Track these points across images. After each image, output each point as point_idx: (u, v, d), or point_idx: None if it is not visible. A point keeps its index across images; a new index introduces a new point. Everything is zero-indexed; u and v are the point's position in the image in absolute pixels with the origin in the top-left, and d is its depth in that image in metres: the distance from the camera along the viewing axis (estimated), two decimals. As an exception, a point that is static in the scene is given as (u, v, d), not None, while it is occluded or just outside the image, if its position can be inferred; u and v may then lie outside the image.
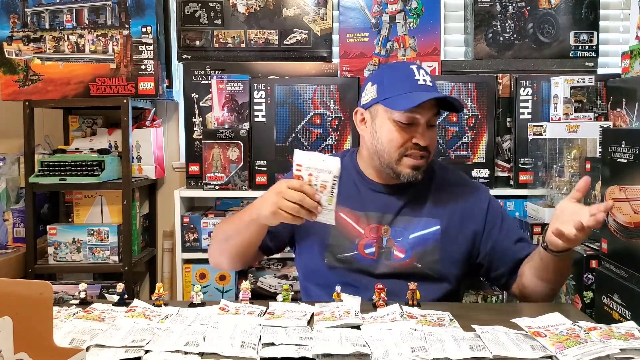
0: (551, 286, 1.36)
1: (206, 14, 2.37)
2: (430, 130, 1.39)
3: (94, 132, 2.44)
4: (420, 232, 1.41)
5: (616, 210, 1.56)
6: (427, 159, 1.39)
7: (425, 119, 1.36)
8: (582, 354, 0.94)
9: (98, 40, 2.27)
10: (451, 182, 1.49)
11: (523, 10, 2.37)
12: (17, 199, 2.39)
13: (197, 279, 2.27)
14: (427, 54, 2.39)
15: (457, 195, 1.46)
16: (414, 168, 1.37)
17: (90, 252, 2.25)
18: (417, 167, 1.38)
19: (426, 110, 1.35)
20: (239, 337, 1.02)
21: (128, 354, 0.96)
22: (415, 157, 1.37)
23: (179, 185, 2.52)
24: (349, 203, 1.42)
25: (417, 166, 1.38)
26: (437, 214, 1.42)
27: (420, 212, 1.43)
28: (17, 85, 2.28)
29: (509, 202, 2.25)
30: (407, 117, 1.35)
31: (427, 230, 1.41)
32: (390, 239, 1.40)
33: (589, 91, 2.14)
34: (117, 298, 1.24)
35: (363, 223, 1.42)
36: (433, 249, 1.40)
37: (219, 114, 2.28)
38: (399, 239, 1.40)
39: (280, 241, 1.50)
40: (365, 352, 0.95)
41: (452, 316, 1.15)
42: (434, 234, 1.41)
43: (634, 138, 1.51)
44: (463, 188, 1.48)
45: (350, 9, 2.39)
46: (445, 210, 1.43)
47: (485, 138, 2.24)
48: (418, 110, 1.34)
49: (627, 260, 1.52)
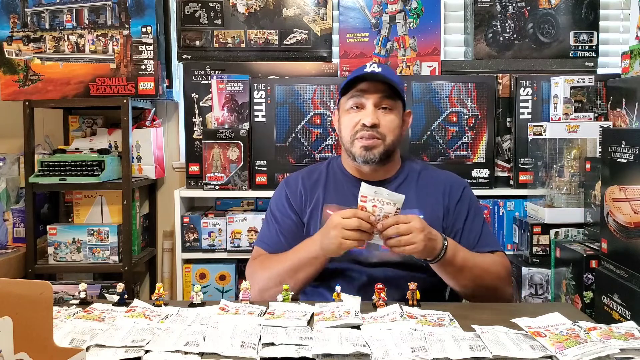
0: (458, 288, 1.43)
1: (206, 14, 2.37)
2: (384, 114, 1.47)
3: (94, 132, 2.44)
4: None
5: (616, 210, 1.56)
6: (382, 140, 1.46)
7: (372, 101, 1.46)
8: (582, 354, 0.94)
9: (98, 40, 2.27)
10: (433, 178, 1.57)
11: (523, 10, 2.37)
12: (17, 199, 2.39)
13: (197, 279, 2.27)
14: (427, 54, 2.39)
15: (437, 189, 1.53)
16: (366, 148, 1.46)
17: (90, 252, 2.25)
18: (368, 148, 1.46)
19: (371, 94, 1.46)
20: (239, 337, 1.02)
21: (128, 354, 0.96)
22: (365, 138, 1.45)
23: (179, 185, 2.52)
24: (335, 199, 1.51)
25: (368, 146, 1.45)
26: (420, 205, 1.49)
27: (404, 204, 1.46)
28: (17, 85, 2.28)
29: (509, 202, 2.25)
30: (353, 101, 1.48)
31: None
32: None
33: (589, 91, 2.14)
34: (117, 298, 1.24)
35: None
36: None
37: (219, 114, 2.28)
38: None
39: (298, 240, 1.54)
40: (365, 352, 0.95)
41: (452, 316, 1.15)
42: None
43: (634, 138, 1.51)
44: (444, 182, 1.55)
45: (350, 9, 2.39)
46: (427, 203, 1.50)
47: (485, 138, 2.24)
48: (362, 94, 1.46)
49: (627, 260, 1.52)
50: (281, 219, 1.55)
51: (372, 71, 1.47)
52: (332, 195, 1.52)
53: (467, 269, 1.38)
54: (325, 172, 1.59)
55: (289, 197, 1.56)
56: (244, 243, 2.22)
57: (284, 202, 1.56)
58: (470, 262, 1.39)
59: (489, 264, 1.44)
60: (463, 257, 1.38)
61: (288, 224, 1.54)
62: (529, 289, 2.08)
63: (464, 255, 1.39)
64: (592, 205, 1.96)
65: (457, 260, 1.36)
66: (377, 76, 1.45)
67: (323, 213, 1.49)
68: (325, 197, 1.53)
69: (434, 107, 2.24)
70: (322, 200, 1.52)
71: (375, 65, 1.49)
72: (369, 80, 1.46)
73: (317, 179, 1.58)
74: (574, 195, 2.08)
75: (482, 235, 1.51)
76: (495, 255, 1.49)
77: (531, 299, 2.07)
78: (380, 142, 1.45)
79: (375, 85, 1.46)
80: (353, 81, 1.47)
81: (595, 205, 1.92)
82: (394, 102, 1.48)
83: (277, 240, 1.53)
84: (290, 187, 1.58)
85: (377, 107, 1.46)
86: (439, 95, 2.23)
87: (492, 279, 1.42)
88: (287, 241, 1.51)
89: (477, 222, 1.52)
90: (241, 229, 2.22)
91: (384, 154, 1.47)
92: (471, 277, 1.39)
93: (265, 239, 1.56)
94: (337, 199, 1.51)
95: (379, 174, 1.52)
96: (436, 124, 2.24)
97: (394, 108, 1.48)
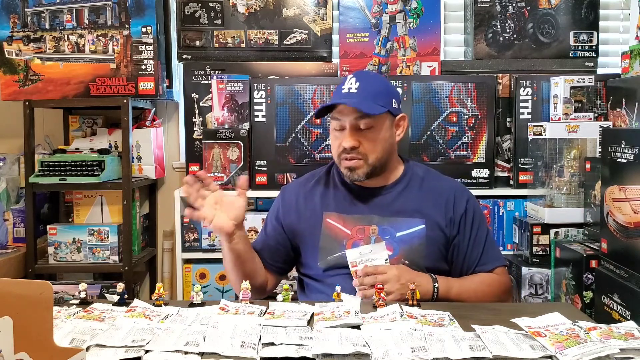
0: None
1: (206, 14, 2.37)
2: (363, 134, 1.44)
3: (94, 132, 2.44)
4: (406, 231, 1.47)
5: (616, 210, 1.56)
6: (364, 161, 1.45)
7: (349, 122, 1.43)
8: (582, 354, 0.94)
9: (98, 40, 2.27)
10: (437, 185, 1.55)
11: (523, 10, 2.37)
12: (17, 199, 2.39)
13: (197, 278, 2.27)
14: (427, 54, 2.39)
15: (441, 198, 1.51)
16: (349, 169, 1.46)
17: (91, 252, 2.25)
18: (351, 168, 1.45)
19: (346, 114, 1.43)
20: (239, 337, 1.02)
21: (128, 354, 0.96)
22: (347, 159, 1.45)
23: (179, 185, 2.52)
24: (335, 208, 1.52)
25: (350, 167, 1.45)
26: (422, 214, 1.48)
27: (405, 212, 1.49)
28: (17, 85, 2.27)
29: (509, 202, 2.25)
30: (335, 123, 1.46)
31: (413, 229, 1.47)
32: (379, 237, 1.46)
33: (588, 91, 2.14)
34: (117, 298, 1.24)
35: (349, 225, 1.48)
36: (419, 246, 1.45)
37: (219, 114, 2.28)
38: (387, 237, 1.46)
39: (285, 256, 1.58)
40: (365, 352, 0.95)
41: (452, 316, 1.15)
42: (419, 232, 1.46)
43: (634, 138, 1.51)
44: (447, 192, 1.53)
45: (350, 9, 2.39)
46: (430, 211, 1.49)
47: (485, 138, 2.24)
48: (340, 116, 1.44)
49: (627, 260, 1.52)
50: (269, 229, 1.59)
51: (349, 90, 1.44)
52: (332, 203, 1.52)
53: (464, 299, 1.41)
54: (325, 180, 1.59)
55: (280, 211, 1.58)
56: (244, 243, 2.22)
57: (276, 215, 1.59)
58: (465, 294, 1.42)
59: (488, 286, 1.46)
60: (457, 292, 1.40)
61: (273, 235, 1.57)
62: (529, 289, 2.08)
63: (458, 291, 1.41)
64: (592, 205, 1.96)
65: (451, 297, 1.39)
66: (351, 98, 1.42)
67: (323, 221, 1.50)
68: (324, 205, 1.53)
69: (433, 107, 2.24)
70: (321, 208, 1.53)
71: (354, 81, 1.45)
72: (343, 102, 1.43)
73: (316, 187, 1.57)
74: (574, 195, 2.08)
75: (484, 252, 1.50)
76: (495, 274, 1.50)
77: (531, 299, 2.07)
78: (362, 162, 1.44)
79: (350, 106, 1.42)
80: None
81: (595, 205, 1.92)
82: (373, 119, 1.43)
83: (261, 248, 1.57)
84: (285, 200, 1.60)
85: (355, 128, 1.43)
86: (438, 95, 2.23)
87: (492, 301, 1.44)
88: (265, 249, 1.56)
89: (481, 235, 1.51)
90: (241, 229, 2.22)
91: (369, 173, 1.46)
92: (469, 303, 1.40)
93: (255, 243, 1.59)
94: (336, 207, 1.52)
95: (378, 181, 1.51)
96: (436, 124, 2.24)
97: (374, 125, 1.43)
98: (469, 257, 1.49)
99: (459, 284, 1.43)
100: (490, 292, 1.45)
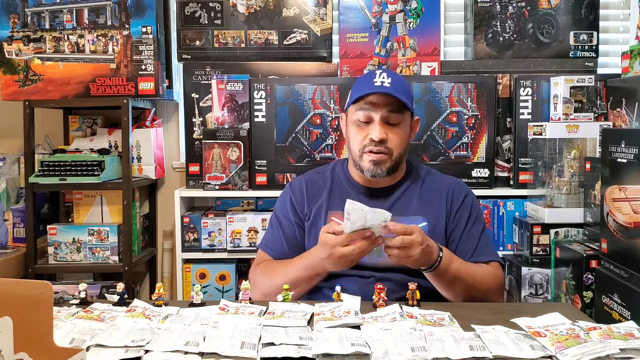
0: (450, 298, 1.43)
1: (206, 14, 2.37)
2: (391, 128, 1.46)
3: (94, 132, 2.44)
4: None
5: (616, 210, 1.56)
6: (389, 155, 1.46)
7: (379, 115, 1.44)
8: (582, 354, 0.94)
9: (98, 40, 2.27)
10: (437, 182, 1.57)
11: (523, 10, 2.37)
12: (17, 199, 2.39)
13: (197, 279, 2.27)
14: (427, 54, 2.39)
15: (442, 195, 1.53)
16: (374, 163, 1.46)
17: (90, 252, 2.25)
18: (376, 162, 1.46)
19: (379, 108, 1.44)
20: (239, 337, 1.02)
21: (128, 353, 0.97)
22: (373, 153, 1.45)
23: (179, 185, 2.52)
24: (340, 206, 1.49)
25: (376, 161, 1.46)
26: (424, 213, 1.50)
27: (408, 211, 1.50)
28: (17, 85, 2.27)
29: (509, 202, 2.25)
30: (362, 114, 1.46)
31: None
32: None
33: (588, 91, 2.14)
34: (117, 298, 1.24)
35: None
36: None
37: (219, 114, 2.28)
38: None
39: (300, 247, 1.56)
40: (365, 352, 0.95)
41: (452, 316, 1.15)
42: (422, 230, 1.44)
43: (633, 138, 1.51)
44: (447, 187, 1.55)
45: (350, 9, 2.39)
46: (431, 209, 1.51)
47: (485, 138, 2.24)
48: (371, 107, 1.45)
49: (627, 260, 1.52)
50: (286, 225, 1.57)
51: (382, 84, 1.44)
52: (337, 202, 1.52)
53: (460, 280, 1.40)
54: (331, 178, 1.59)
55: (294, 202, 1.57)
56: (244, 243, 2.23)
57: (289, 208, 1.58)
58: (463, 273, 1.41)
59: (482, 275, 1.45)
60: (457, 268, 1.40)
61: (292, 230, 1.56)
62: (529, 289, 2.08)
63: (458, 267, 1.40)
64: (592, 205, 1.96)
65: (450, 271, 1.38)
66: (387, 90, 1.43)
67: (327, 220, 1.50)
68: (329, 203, 1.53)
69: (434, 107, 2.24)
70: (326, 206, 1.53)
71: (385, 75, 1.46)
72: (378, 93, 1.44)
73: (322, 185, 1.58)
74: (574, 195, 2.08)
75: (479, 245, 1.51)
76: (490, 266, 1.50)
77: (531, 299, 2.07)
78: (387, 157, 1.46)
79: (384, 98, 1.44)
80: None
81: (595, 205, 1.92)
82: (402, 114, 1.47)
83: (281, 246, 1.55)
84: (295, 191, 1.59)
85: (385, 121, 1.45)
86: (438, 95, 2.23)
87: (484, 290, 1.44)
88: (290, 247, 1.54)
89: (475, 230, 1.52)
90: (241, 229, 2.22)
91: (390, 169, 1.47)
92: (463, 287, 1.40)
93: (270, 244, 1.57)
94: (341, 205, 1.50)
95: (385, 181, 1.53)
96: (436, 124, 2.24)
97: (402, 121, 1.47)
98: (462, 247, 1.49)
99: (460, 262, 1.43)
100: (483, 280, 1.44)
